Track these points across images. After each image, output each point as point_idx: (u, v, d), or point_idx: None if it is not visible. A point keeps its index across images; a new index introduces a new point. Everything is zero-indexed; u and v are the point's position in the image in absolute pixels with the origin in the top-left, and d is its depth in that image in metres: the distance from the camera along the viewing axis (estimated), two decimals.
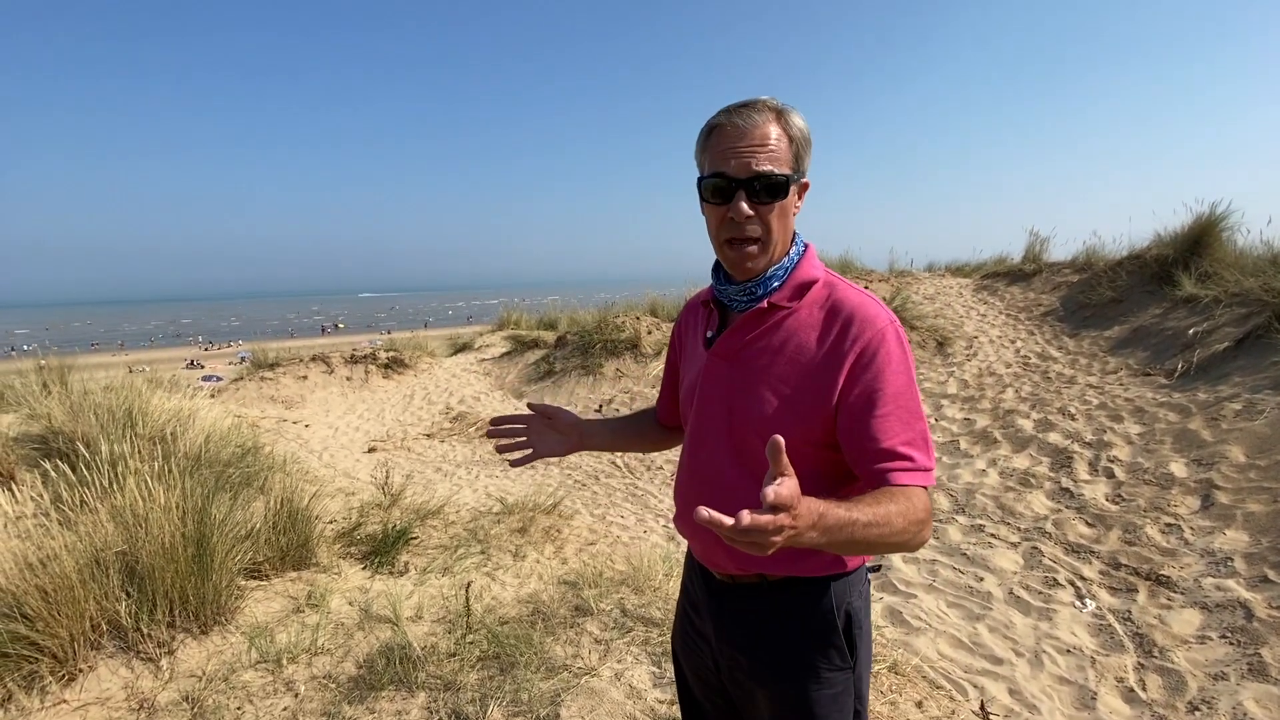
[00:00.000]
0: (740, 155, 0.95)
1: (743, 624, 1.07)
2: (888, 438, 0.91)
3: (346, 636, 2.57)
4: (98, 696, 2.25)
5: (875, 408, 0.92)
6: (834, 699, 1.01)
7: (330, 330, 72.54)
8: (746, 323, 1.04)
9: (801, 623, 1.02)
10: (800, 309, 1.01)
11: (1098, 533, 3.55)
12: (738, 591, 1.07)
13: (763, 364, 1.01)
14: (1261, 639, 2.47)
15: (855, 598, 1.04)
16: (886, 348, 0.94)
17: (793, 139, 0.98)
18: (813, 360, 0.97)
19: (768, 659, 1.03)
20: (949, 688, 2.34)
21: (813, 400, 0.96)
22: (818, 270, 1.04)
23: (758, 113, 0.96)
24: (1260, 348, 4.97)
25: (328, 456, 6.31)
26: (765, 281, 1.02)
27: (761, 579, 1.05)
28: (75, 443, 3.41)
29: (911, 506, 0.86)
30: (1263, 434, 3.87)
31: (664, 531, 4.31)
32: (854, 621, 1.03)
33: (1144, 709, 2.29)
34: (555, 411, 1.32)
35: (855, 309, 0.97)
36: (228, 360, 39.52)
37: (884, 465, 0.91)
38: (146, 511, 2.61)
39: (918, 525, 0.87)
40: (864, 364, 0.94)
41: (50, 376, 4.53)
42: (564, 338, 9.57)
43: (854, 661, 1.03)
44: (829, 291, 1.01)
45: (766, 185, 0.95)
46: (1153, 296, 6.97)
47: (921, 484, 0.91)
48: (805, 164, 1.00)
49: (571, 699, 2.04)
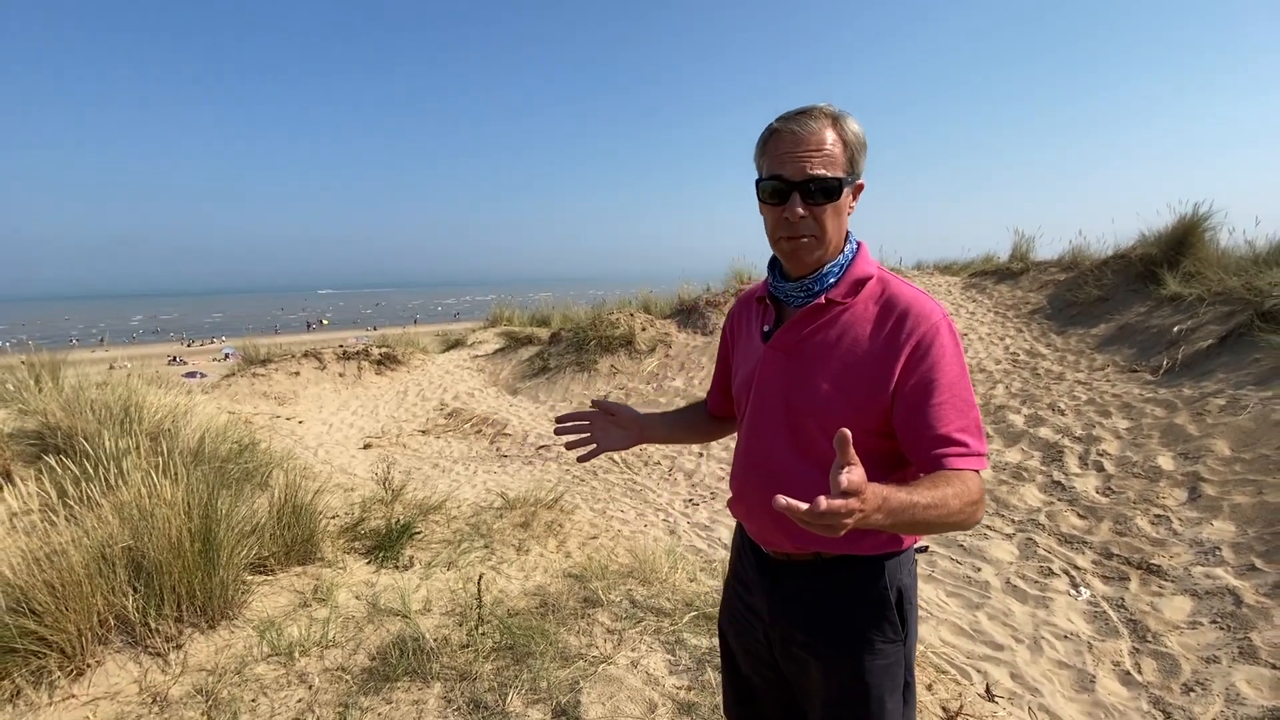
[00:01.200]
0: (797, 160, 1.01)
1: (798, 599, 1.11)
2: (943, 425, 0.96)
3: (356, 629, 2.58)
4: (107, 691, 2.24)
5: (931, 396, 0.97)
6: (885, 669, 1.05)
7: (316, 326, 71.74)
8: (804, 317, 1.09)
9: (856, 598, 1.07)
10: (856, 304, 1.06)
11: (1089, 524, 3.64)
12: (793, 569, 1.12)
13: (820, 356, 1.06)
14: (1250, 624, 2.57)
15: (905, 575, 1.09)
16: (941, 340, 0.99)
17: (847, 144, 1.03)
18: (869, 352, 1.02)
19: (823, 632, 1.08)
20: (954, 672, 2.40)
21: (869, 390, 1.01)
22: (871, 267, 1.09)
23: (814, 119, 1.01)
24: (1243, 345, 5.11)
25: (323, 453, 6.27)
26: (822, 278, 1.07)
27: (817, 557, 1.09)
28: (74, 439, 3.36)
29: (966, 489, 0.91)
30: (1246, 428, 3.99)
31: (664, 525, 4.34)
32: (905, 597, 1.08)
33: (1140, 691, 2.37)
34: (617, 408, 1.36)
35: (910, 303, 1.02)
36: (211, 357, 38.94)
37: (940, 451, 0.95)
38: (153, 506, 2.59)
39: (973, 506, 0.92)
40: (920, 355, 0.98)
41: (42, 372, 4.46)
42: (558, 334, 9.57)
43: (905, 635, 1.08)
44: (883, 287, 1.06)
45: (821, 188, 1.01)
46: (1138, 295, 7.12)
47: (975, 468, 0.95)
48: (860, 167, 1.05)
49: (590, 686, 2.07)
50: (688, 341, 8.89)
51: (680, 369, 8.24)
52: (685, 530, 4.24)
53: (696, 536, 4.13)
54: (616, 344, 8.82)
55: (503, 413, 7.69)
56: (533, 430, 7.00)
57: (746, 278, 9.88)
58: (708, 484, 5.16)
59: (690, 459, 5.69)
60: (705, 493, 4.99)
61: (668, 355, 8.63)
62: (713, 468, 5.45)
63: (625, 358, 8.68)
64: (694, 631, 2.45)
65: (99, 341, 48.70)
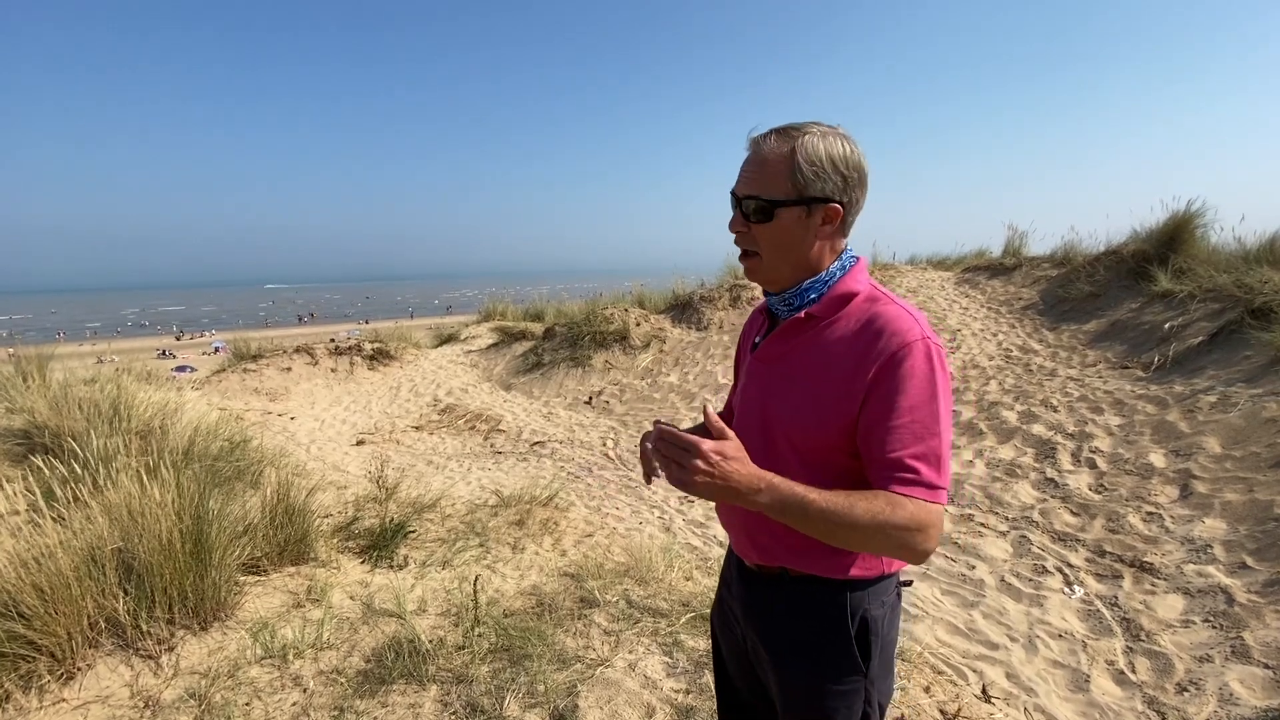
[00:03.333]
0: (741, 175, 1.04)
1: (763, 612, 1.12)
2: (896, 448, 0.92)
3: (351, 631, 2.56)
4: (98, 695, 2.21)
5: (889, 417, 0.93)
6: (841, 695, 1.04)
7: (306, 320, 71.23)
8: (786, 331, 1.08)
9: (815, 621, 1.05)
10: (838, 321, 1.03)
11: (1083, 521, 3.66)
12: (763, 581, 1.12)
13: (796, 371, 1.05)
14: (1243, 623, 2.59)
15: (875, 606, 1.05)
16: (912, 360, 0.94)
17: (799, 165, 0.98)
18: (841, 369, 0.99)
19: (780, 648, 1.08)
20: (950, 672, 2.41)
21: (838, 407, 0.98)
22: (861, 284, 1.05)
23: (772, 138, 1.01)
24: (1233, 342, 5.15)
25: (315, 449, 6.22)
26: (802, 293, 1.06)
27: (783, 573, 1.09)
28: (61, 438, 3.31)
29: (891, 511, 0.88)
30: (1237, 426, 4.02)
31: (659, 523, 4.34)
32: (871, 629, 1.04)
33: (1135, 690, 2.38)
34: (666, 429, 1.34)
35: (889, 322, 0.97)
36: (200, 350, 38.58)
37: (887, 473, 0.92)
38: (143, 507, 2.56)
39: (894, 530, 0.88)
40: (886, 373, 0.94)
41: (28, 368, 4.39)
42: (552, 329, 9.53)
43: (866, 668, 1.04)
44: (869, 305, 1.02)
45: (752, 207, 1.02)
46: (1129, 291, 7.16)
47: (921, 497, 0.91)
48: (824, 189, 0.99)
49: (588, 689, 2.06)
50: (682, 337, 8.87)
51: (675, 364, 8.23)
52: (680, 527, 4.24)
53: (692, 534, 4.13)
54: (611, 339, 8.79)
55: (497, 409, 7.66)
56: (527, 426, 6.97)
57: (741, 273, 9.87)
58: None
59: None
60: None
61: (662, 351, 8.61)
62: None
63: (620, 353, 8.65)
64: (691, 633, 2.45)
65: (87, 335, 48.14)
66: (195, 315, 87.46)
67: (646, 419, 6.86)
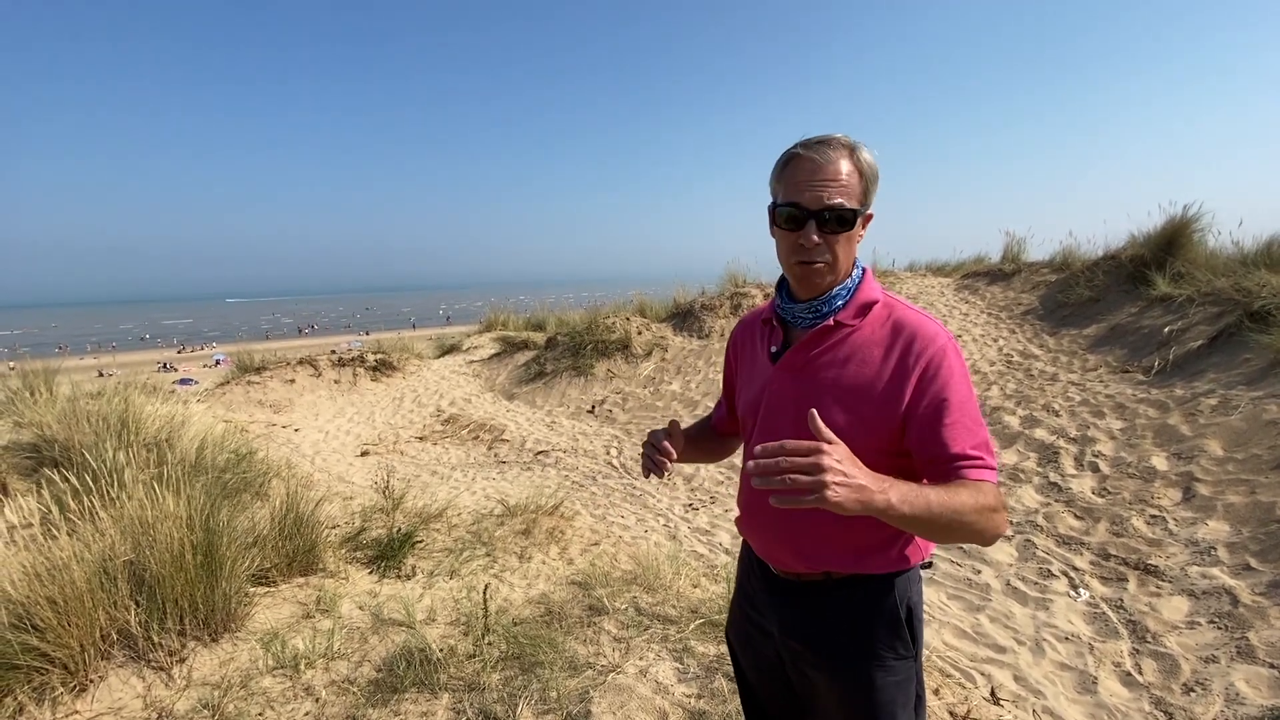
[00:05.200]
0: (815, 189, 1.04)
1: (809, 619, 1.12)
2: (956, 444, 0.99)
3: (361, 640, 2.57)
4: (110, 706, 2.23)
5: (943, 416, 1.00)
6: (898, 685, 1.07)
7: (308, 332, 71.32)
8: (813, 339, 1.11)
9: (868, 616, 1.08)
10: (864, 326, 1.09)
11: (1087, 525, 3.68)
12: (803, 589, 1.13)
13: (829, 377, 1.08)
14: (1247, 623, 2.60)
15: (914, 592, 1.11)
16: (949, 361, 1.03)
17: (863, 174, 1.06)
18: (878, 374, 1.05)
19: (836, 651, 1.09)
20: (959, 676, 2.42)
21: (878, 410, 1.04)
22: (877, 292, 1.12)
23: (833, 149, 1.04)
24: (1233, 345, 5.18)
25: (320, 461, 6.24)
26: (830, 300, 1.10)
27: (827, 576, 1.11)
28: (71, 451, 3.34)
29: (982, 495, 0.95)
30: (1238, 428, 4.04)
31: (665, 531, 4.35)
32: (914, 614, 1.10)
33: (1142, 692, 2.39)
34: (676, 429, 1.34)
35: (917, 328, 1.05)
36: (201, 363, 38.59)
37: (955, 465, 0.98)
38: (154, 519, 2.58)
39: (989, 511, 0.94)
40: (930, 377, 1.02)
41: (35, 382, 4.41)
42: (554, 339, 9.56)
43: (915, 650, 1.09)
44: (889, 311, 1.09)
45: (837, 217, 1.04)
46: (1129, 296, 7.20)
47: (991, 480, 0.98)
48: (871, 197, 1.09)
49: (600, 695, 2.07)
50: (684, 345, 8.90)
51: (677, 372, 8.26)
52: (686, 535, 4.25)
53: (698, 541, 4.14)
54: (613, 348, 8.82)
55: (500, 418, 7.68)
56: (530, 436, 6.99)
57: (742, 280, 9.91)
58: (707, 488, 5.17)
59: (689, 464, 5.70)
60: (705, 497, 5.00)
61: (664, 359, 8.65)
62: (711, 472, 5.46)
63: (622, 362, 8.68)
64: (701, 639, 2.46)
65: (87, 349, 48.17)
66: (197, 329, 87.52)
67: (650, 427, 6.87)
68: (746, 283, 9.81)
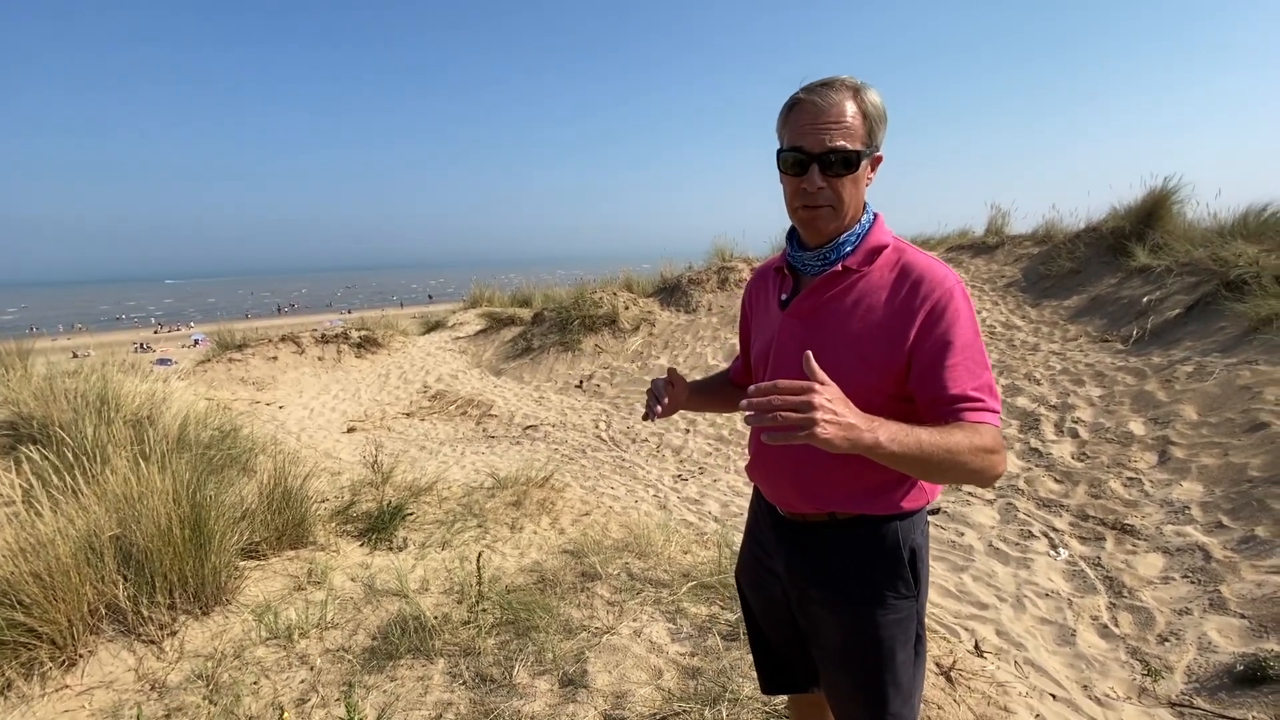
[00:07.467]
0: (817, 132, 1.02)
1: (814, 559, 1.15)
2: (957, 385, 0.99)
3: (355, 610, 2.58)
4: (101, 680, 2.22)
5: (946, 358, 1.00)
6: (898, 623, 1.10)
7: (287, 310, 70.15)
8: (821, 285, 1.11)
9: (871, 557, 1.11)
10: (872, 272, 1.08)
11: (1066, 488, 3.77)
12: (808, 530, 1.16)
13: (837, 322, 1.09)
14: (1220, 577, 2.70)
15: (919, 535, 1.13)
16: (955, 304, 1.02)
17: (867, 115, 1.04)
18: (884, 317, 1.05)
19: (839, 589, 1.12)
20: (943, 631, 2.49)
21: (885, 354, 1.04)
22: (887, 236, 1.11)
23: (836, 91, 1.03)
24: (1209, 314, 5.29)
25: (305, 437, 6.18)
26: (839, 246, 1.10)
27: (831, 517, 1.13)
28: (49, 428, 3.26)
29: (978, 436, 0.95)
30: (1213, 394, 4.15)
31: (654, 500, 4.39)
32: (918, 556, 1.12)
33: (1118, 642, 2.49)
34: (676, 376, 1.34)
35: (924, 270, 1.05)
36: (179, 343, 37.83)
37: (955, 407, 0.98)
38: (139, 494, 2.54)
39: (985, 452, 0.95)
40: (935, 318, 1.01)
41: (9, 360, 4.30)
42: (540, 314, 9.50)
43: (917, 591, 1.12)
44: (898, 255, 1.08)
45: (841, 159, 1.03)
46: (1109, 267, 7.30)
47: (991, 423, 0.98)
48: (879, 139, 1.07)
49: (596, 656, 2.11)
50: (671, 320, 8.89)
51: (664, 347, 8.26)
52: (676, 505, 4.29)
53: (687, 510, 4.19)
54: (600, 323, 8.79)
55: (488, 394, 7.65)
56: (519, 411, 6.98)
57: (729, 255, 9.88)
58: (695, 459, 5.22)
59: (677, 435, 5.74)
60: (693, 468, 5.04)
61: (652, 334, 8.64)
62: (700, 444, 5.50)
63: (609, 337, 8.66)
64: (694, 600, 2.50)
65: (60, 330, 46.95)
66: (178, 308, 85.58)
67: (637, 401, 6.89)
68: (734, 257, 9.78)
